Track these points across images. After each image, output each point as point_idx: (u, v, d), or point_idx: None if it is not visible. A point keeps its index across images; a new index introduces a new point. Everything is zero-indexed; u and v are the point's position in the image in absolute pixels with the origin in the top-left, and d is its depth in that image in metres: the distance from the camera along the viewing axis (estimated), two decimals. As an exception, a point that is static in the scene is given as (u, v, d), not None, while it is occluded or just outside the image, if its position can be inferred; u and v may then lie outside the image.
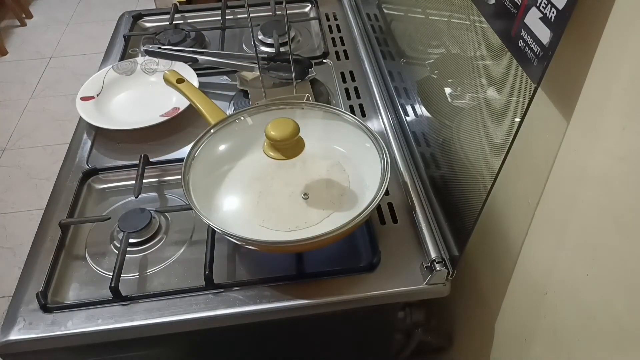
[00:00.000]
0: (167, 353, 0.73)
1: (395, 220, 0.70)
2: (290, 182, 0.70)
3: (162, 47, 0.95)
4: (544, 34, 0.40)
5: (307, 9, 1.15)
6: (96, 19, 2.69)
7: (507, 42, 0.46)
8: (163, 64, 0.93)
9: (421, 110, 0.77)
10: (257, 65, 0.82)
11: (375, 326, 0.75)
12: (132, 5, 2.67)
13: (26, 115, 2.13)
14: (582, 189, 0.44)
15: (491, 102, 0.55)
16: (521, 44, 0.44)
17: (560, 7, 0.38)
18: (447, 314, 0.86)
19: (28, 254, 0.67)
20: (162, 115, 0.85)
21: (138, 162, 0.77)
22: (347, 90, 0.92)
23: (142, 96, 0.91)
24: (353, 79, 0.94)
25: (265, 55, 0.90)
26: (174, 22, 1.09)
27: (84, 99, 0.88)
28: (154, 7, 1.81)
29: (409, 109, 0.81)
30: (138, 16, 1.13)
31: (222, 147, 0.71)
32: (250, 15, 0.73)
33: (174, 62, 0.91)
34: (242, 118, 0.73)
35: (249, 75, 0.90)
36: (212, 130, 0.71)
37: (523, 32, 0.43)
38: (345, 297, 0.62)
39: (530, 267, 0.56)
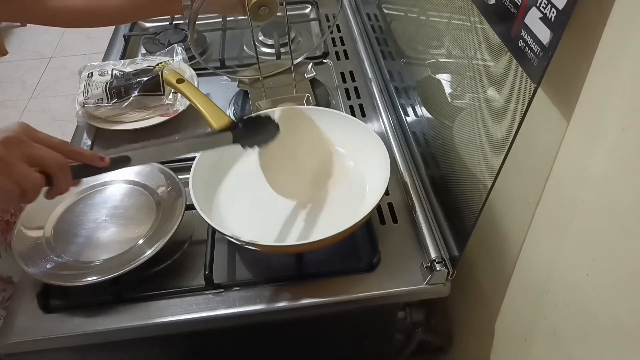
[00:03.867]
0: (167, 353, 0.73)
1: (395, 220, 0.70)
2: (291, 182, 0.70)
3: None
4: (544, 34, 0.40)
5: (307, 10, 1.15)
6: (96, 19, 2.69)
7: (507, 42, 0.46)
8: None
9: (421, 110, 0.77)
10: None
11: (375, 326, 0.75)
12: (132, 6, 2.66)
13: (26, 115, 2.13)
14: (582, 189, 0.44)
15: (491, 102, 0.55)
16: (521, 44, 0.44)
17: (560, 7, 0.38)
18: (447, 314, 0.86)
19: (28, 254, 0.67)
20: (162, 115, 0.85)
21: (138, 162, 0.76)
22: (347, 90, 0.92)
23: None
24: (353, 79, 0.94)
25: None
26: (174, 22, 1.09)
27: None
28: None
29: (409, 109, 0.81)
30: (138, 16, 1.13)
31: (222, 148, 0.71)
32: (251, 15, 0.73)
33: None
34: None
35: (248, 74, 0.90)
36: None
37: (523, 32, 0.43)
38: (345, 297, 0.62)
39: (530, 267, 0.56)
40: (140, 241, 0.64)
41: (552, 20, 0.39)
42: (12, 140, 0.43)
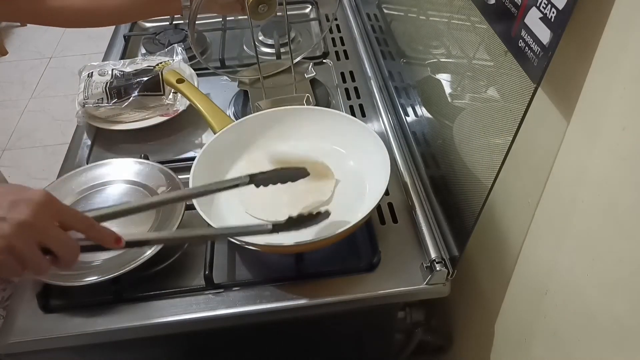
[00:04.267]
0: (167, 353, 0.73)
1: (395, 220, 0.70)
2: (291, 182, 0.70)
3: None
4: (544, 34, 0.40)
5: (307, 10, 1.15)
6: (96, 19, 2.69)
7: (507, 42, 0.46)
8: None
9: (421, 110, 0.77)
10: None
11: (375, 326, 0.75)
12: (132, 6, 2.66)
13: (26, 115, 2.13)
14: (582, 189, 0.44)
15: (491, 102, 0.55)
16: (521, 44, 0.44)
17: (560, 7, 0.38)
18: (447, 314, 0.86)
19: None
20: (162, 115, 0.85)
21: (138, 162, 0.76)
22: (347, 90, 0.92)
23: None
24: (353, 79, 0.94)
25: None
26: (174, 22, 1.09)
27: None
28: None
29: (409, 109, 0.81)
30: (138, 16, 1.13)
31: (223, 148, 0.71)
32: (251, 15, 0.73)
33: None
34: (244, 120, 0.74)
35: (248, 74, 0.90)
36: (215, 133, 0.71)
37: (523, 32, 0.43)
38: (345, 297, 0.62)
39: (530, 267, 0.56)
40: (140, 241, 0.64)
41: (552, 20, 0.39)
42: (28, 227, 0.41)
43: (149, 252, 0.61)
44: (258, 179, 0.54)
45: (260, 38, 1.04)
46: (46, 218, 0.43)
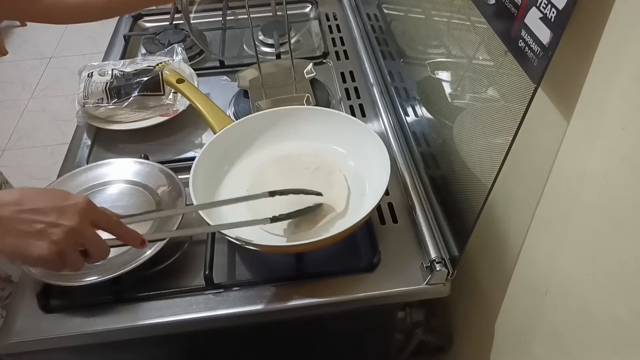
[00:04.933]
0: (168, 353, 0.73)
1: (395, 220, 0.70)
2: (291, 183, 0.70)
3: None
4: (544, 34, 0.40)
5: (307, 10, 1.15)
6: (96, 19, 2.69)
7: (507, 42, 0.46)
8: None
9: (421, 110, 0.77)
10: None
11: (375, 326, 0.75)
12: (132, 6, 2.66)
13: (26, 115, 2.13)
14: (582, 189, 0.44)
15: (491, 102, 0.55)
16: (521, 44, 0.44)
17: (560, 7, 0.38)
18: (447, 314, 0.86)
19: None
20: (162, 115, 0.85)
21: (138, 162, 0.76)
22: (347, 90, 0.92)
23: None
24: (353, 79, 0.94)
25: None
26: (174, 22, 1.09)
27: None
28: (154, 7, 1.81)
29: (409, 109, 0.81)
30: (138, 16, 1.13)
31: (222, 148, 0.71)
32: (251, 15, 0.73)
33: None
34: (244, 120, 0.73)
35: (248, 74, 0.90)
36: (215, 133, 0.71)
37: (523, 32, 0.43)
38: (345, 297, 0.62)
39: (530, 267, 0.56)
40: (140, 241, 0.64)
41: (552, 20, 0.39)
42: (75, 232, 0.47)
43: (149, 252, 0.61)
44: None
45: (260, 38, 1.04)
46: (88, 223, 0.48)
